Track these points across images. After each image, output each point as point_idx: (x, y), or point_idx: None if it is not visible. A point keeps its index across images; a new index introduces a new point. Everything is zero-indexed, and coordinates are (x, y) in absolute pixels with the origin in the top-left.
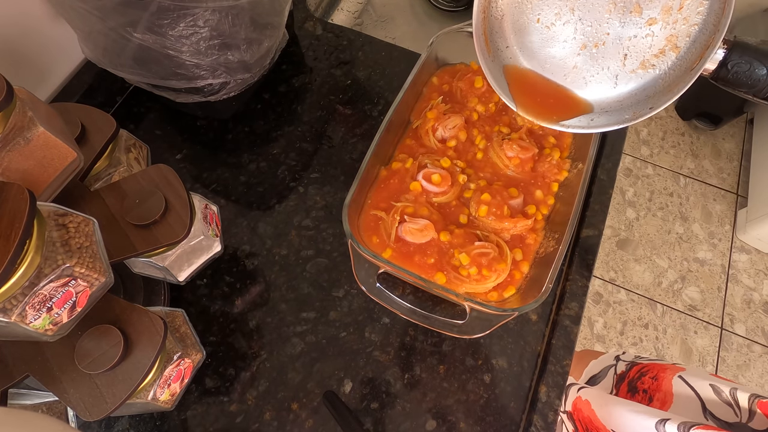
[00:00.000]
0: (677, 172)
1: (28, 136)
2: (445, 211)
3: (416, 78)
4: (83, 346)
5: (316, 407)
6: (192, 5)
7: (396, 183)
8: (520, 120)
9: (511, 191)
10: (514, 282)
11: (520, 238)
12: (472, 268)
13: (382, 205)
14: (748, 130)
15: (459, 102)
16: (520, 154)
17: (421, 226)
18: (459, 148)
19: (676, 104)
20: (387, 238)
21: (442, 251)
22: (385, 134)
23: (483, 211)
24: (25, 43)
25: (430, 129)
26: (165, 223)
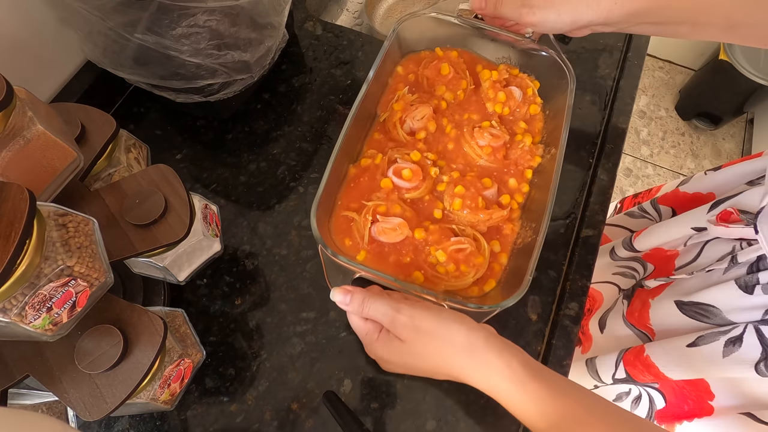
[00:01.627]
0: (677, 172)
1: (28, 136)
2: (419, 206)
3: (380, 68)
4: (83, 346)
5: (316, 407)
6: (192, 5)
7: (366, 181)
8: (490, 106)
9: (484, 182)
10: (494, 275)
11: (497, 229)
12: (450, 264)
13: (353, 205)
14: (748, 130)
15: (426, 91)
16: (491, 142)
17: (394, 225)
18: (429, 139)
19: (676, 104)
20: (360, 239)
21: (417, 249)
22: (351, 130)
23: (457, 205)
24: (25, 43)
25: (398, 121)
26: (165, 223)
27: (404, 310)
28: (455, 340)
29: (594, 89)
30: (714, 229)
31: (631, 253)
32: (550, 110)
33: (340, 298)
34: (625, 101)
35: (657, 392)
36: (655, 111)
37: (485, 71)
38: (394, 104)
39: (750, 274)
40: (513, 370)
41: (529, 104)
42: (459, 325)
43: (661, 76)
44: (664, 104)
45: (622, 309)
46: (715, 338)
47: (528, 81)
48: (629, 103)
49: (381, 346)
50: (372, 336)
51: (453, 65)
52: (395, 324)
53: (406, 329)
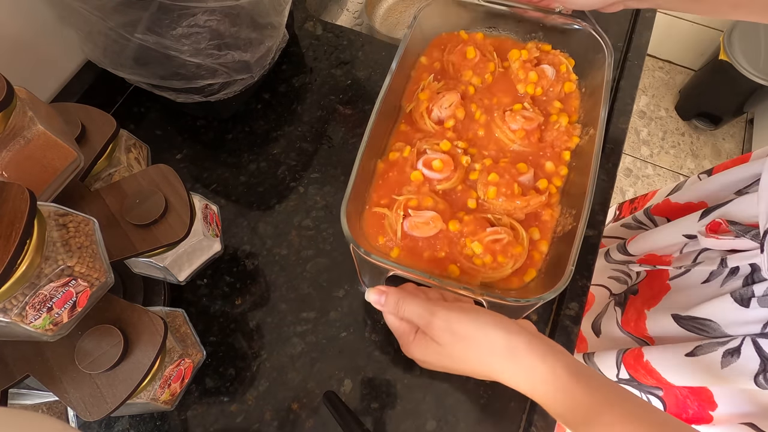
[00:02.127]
0: (677, 172)
1: (28, 136)
2: (451, 197)
3: (403, 59)
4: (83, 346)
5: (316, 407)
6: (192, 5)
7: (395, 175)
8: (521, 87)
9: (519, 167)
10: (534, 264)
11: (535, 215)
12: (487, 256)
13: (383, 201)
14: (748, 130)
15: (452, 77)
16: (525, 125)
17: (427, 219)
18: (458, 127)
19: (676, 104)
20: (393, 235)
21: (452, 242)
22: (376, 125)
23: (492, 193)
24: (25, 43)
25: (425, 111)
26: (165, 223)
27: (440, 314)
28: (495, 344)
29: None
30: (705, 240)
31: (626, 257)
32: (586, 87)
33: (375, 298)
34: (625, 101)
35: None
36: (655, 111)
37: (514, 51)
38: (419, 94)
39: (745, 287)
40: (557, 376)
41: (563, 82)
42: (498, 329)
43: (661, 76)
44: (664, 104)
45: (615, 316)
46: (713, 348)
47: (561, 57)
48: (629, 103)
49: (417, 348)
50: (408, 337)
51: (479, 48)
52: (431, 327)
53: (443, 333)
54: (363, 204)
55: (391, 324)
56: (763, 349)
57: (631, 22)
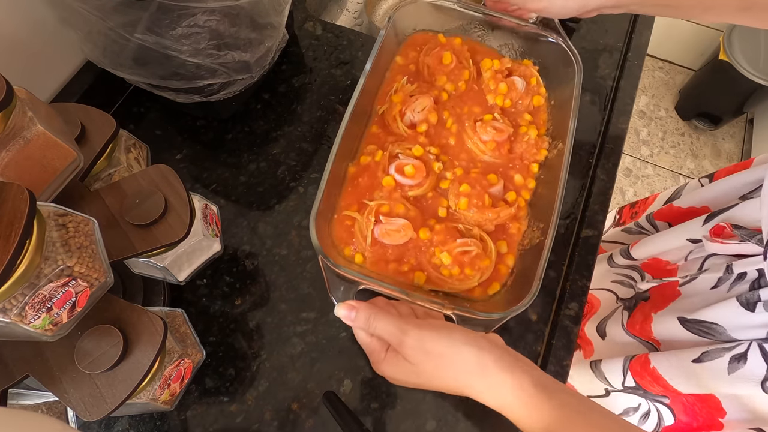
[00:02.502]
0: (677, 172)
1: (28, 136)
2: (422, 204)
3: (377, 60)
4: (83, 346)
5: (316, 407)
6: (192, 5)
7: (366, 180)
8: (491, 98)
9: (490, 178)
10: (500, 277)
11: (503, 228)
12: (454, 267)
13: (354, 207)
14: (748, 130)
15: (426, 81)
16: (495, 137)
17: (398, 227)
18: (430, 132)
19: (676, 104)
20: (363, 241)
21: (421, 250)
22: (348, 128)
23: (463, 204)
24: (25, 43)
25: (398, 114)
26: (165, 223)
27: (412, 332)
28: (466, 362)
29: (594, 89)
30: (710, 245)
31: (630, 261)
32: (555, 100)
33: (345, 314)
34: (625, 101)
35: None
36: (655, 111)
37: (486, 60)
38: (392, 96)
39: (752, 291)
40: (525, 390)
41: (532, 95)
42: (469, 346)
43: (661, 76)
44: (664, 104)
45: (621, 319)
46: (719, 354)
47: (532, 70)
48: (629, 103)
49: (388, 366)
50: (379, 355)
51: (456, 53)
52: (403, 346)
53: (415, 351)
54: (332, 211)
55: (361, 340)
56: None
57: (630, 22)
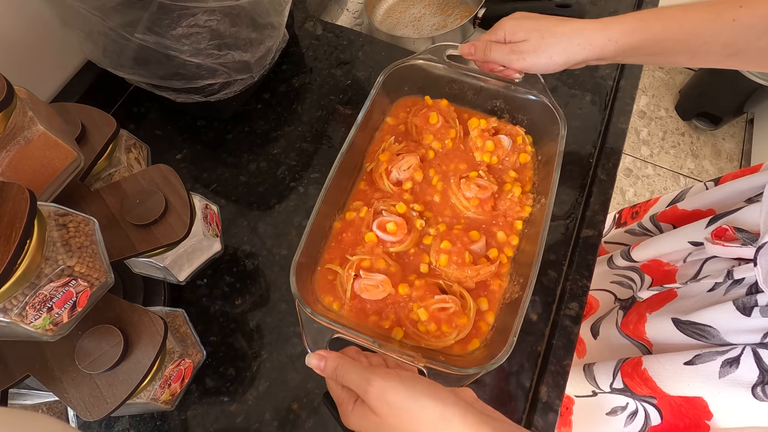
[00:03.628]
0: (677, 172)
1: (29, 136)
2: (404, 260)
3: (367, 117)
4: (83, 346)
5: (316, 407)
6: (192, 5)
7: (350, 236)
8: (478, 155)
9: (471, 235)
10: (480, 334)
11: (484, 284)
12: (431, 324)
13: (336, 261)
14: (748, 130)
15: (414, 140)
16: (479, 194)
17: (377, 282)
18: (416, 189)
19: (676, 104)
20: (343, 294)
21: (400, 305)
22: (336, 180)
23: (443, 261)
24: (25, 43)
25: (384, 172)
26: (165, 223)
27: (375, 383)
28: (429, 416)
29: (594, 89)
30: (711, 247)
31: (629, 263)
32: (542, 156)
33: (315, 363)
34: (625, 101)
35: (654, 408)
36: (655, 111)
37: (473, 119)
38: (380, 155)
39: (749, 296)
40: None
41: (518, 153)
42: (432, 400)
43: (661, 76)
44: (664, 104)
45: (616, 318)
46: (712, 358)
47: (518, 129)
48: (629, 103)
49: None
50: (347, 406)
51: (442, 114)
52: (368, 396)
53: (377, 403)
54: (315, 263)
55: (332, 390)
56: (763, 360)
57: None
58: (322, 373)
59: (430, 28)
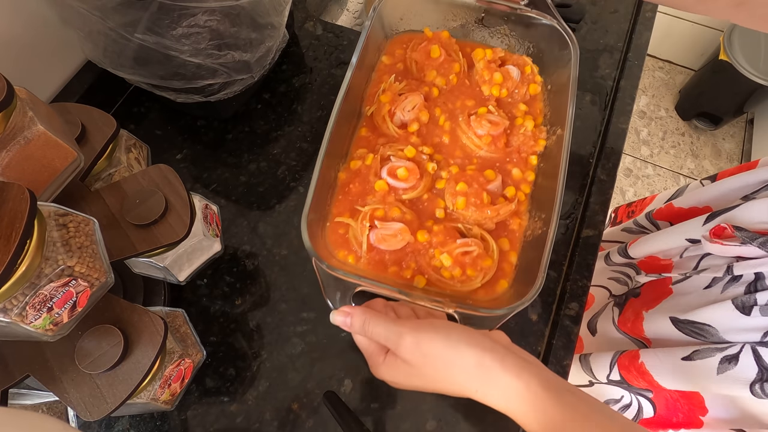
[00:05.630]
0: (677, 173)
1: (29, 136)
2: (418, 206)
3: (363, 56)
4: (83, 346)
5: (316, 407)
6: (192, 5)
7: (358, 186)
8: (486, 89)
9: (487, 174)
10: (505, 275)
11: (504, 224)
12: (456, 269)
13: (346, 214)
14: (748, 130)
15: (415, 78)
16: (491, 130)
17: (395, 231)
18: (422, 131)
19: (676, 104)
20: (359, 248)
21: (420, 253)
22: (336, 129)
23: (461, 204)
24: (25, 43)
25: (387, 114)
26: (165, 223)
27: (408, 334)
28: (467, 363)
29: (594, 89)
30: (709, 246)
31: (626, 260)
32: (552, 85)
33: (341, 320)
34: (625, 101)
35: (648, 402)
36: (655, 111)
37: (479, 50)
38: (380, 96)
39: (747, 295)
40: (532, 392)
41: (528, 84)
42: (470, 347)
43: (661, 76)
44: (664, 104)
45: (612, 316)
46: (710, 354)
47: (525, 58)
48: (629, 103)
49: (387, 370)
50: (378, 358)
51: (444, 47)
52: (400, 349)
53: (412, 354)
54: (325, 219)
55: (360, 344)
56: (762, 358)
57: (631, 22)
58: (349, 329)
59: None
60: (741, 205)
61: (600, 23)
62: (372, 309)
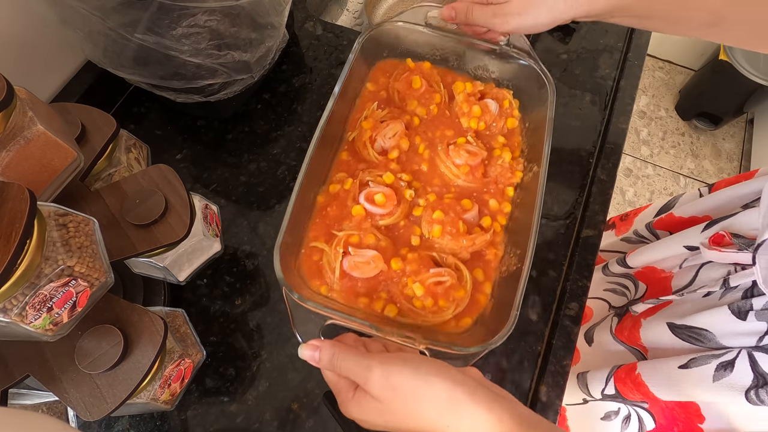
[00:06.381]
0: (677, 173)
1: (29, 136)
2: (394, 233)
3: (347, 84)
4: (83, 346)
5: (316, 407)
6: (192, 5)
7: (336, 210)
8: (465, 121)
9: (464, 203)
10: (478, 306)
11: (479, 255)
12: (427, 299)
13: (322, 239)
14: (748, 130)
15: (397, 106)
16: (469, 160)
17: (367, 259)
18: (402, 159)
19: (676, 104)
20: (331, 273)
21: (393, 281)
22: (316, 153)
23: (437, 232)
24: (25, 43)
25: (368, 140)
26: (165, 223)
27: (376, 369)
28: (437, 397)
29: (594, 89)
30: (707, 253)
31: (624, 269)
32: (530, 123)
33: (309, 354)
34: (625, 101)
35: (646, 413)
36: (655, 111)
37: (458, 83)
38: (362, 122)
39: (744, 300)
40: (506, 426)
41: (506, 117)
42: (440, 379)
43: (661, 76)
44: (664, 104)
45: (610, 324)
46: (706, 361)
47: (505, 92)
48: (629, 103)
49: (356, 407)
50: (346, 395)
51: (426, 77)
52: (369, 383)
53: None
54: (300, 244)
55: (329, 380)
56: (758, 364)
57: None
58: (317, 364)
59: None
60: (739, 213)
61: (600, 23)
62: (342, 343)
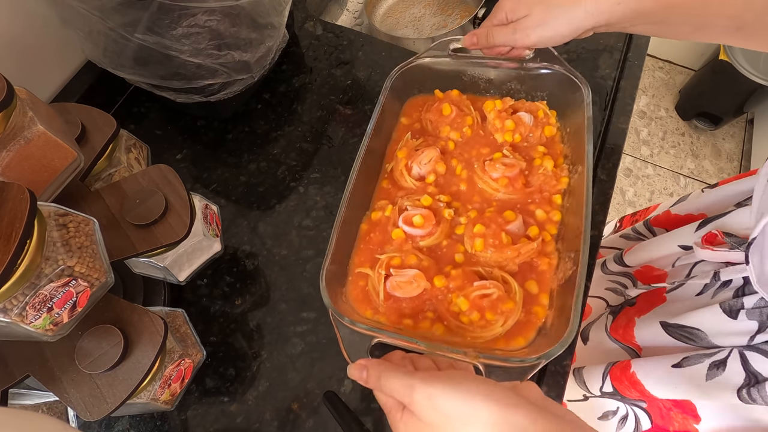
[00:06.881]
0: (677, 173)
1: (29, 136)
2: (437, 253)
3: (380, 122)
4: (83, 346)
5: (316, 407)
6: (192, 5)
7: (377, 236)
8: (499, 137)
9: (506, 215)
10: (536, 319)
11: (532, 266)
12: (474, 313)
13: (367, 264)
14: (748, 130)
15: (431, 134)
16: (505, 172)
17: (409, 278)
18: (440, 182)
19: (676, 104)
20: (376, 296)
21: (438, 299)
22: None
23: (479, 245)
24: (25, 43)
25: (404, 168)
26: (165, 223)
27: (419, 389)
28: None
29: (594, 89)
30: (700, 252)
31: (622, 268)
32: (570, 127)
33: (357, 374)
34: (625, 101)
35: (643, 412)
36: (655, 111)
37: (488, 102)
38: (398, 152)
39: (735, 299)
40: None
41: (542, 126)
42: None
43: (661, 76)
44: (664, 104)
45: (605, 323)
46: (699, 360)
47: (538, 104)
48: (629, 103)
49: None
50: (395, 415)
51: (455, 103)
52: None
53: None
54: (346, 272)
55: (379, 400)
56: (749, 363)
57: None
58: (365, 383)
59: (430, 28)
60: (732, 211)
61: None
62: (389, 361)
